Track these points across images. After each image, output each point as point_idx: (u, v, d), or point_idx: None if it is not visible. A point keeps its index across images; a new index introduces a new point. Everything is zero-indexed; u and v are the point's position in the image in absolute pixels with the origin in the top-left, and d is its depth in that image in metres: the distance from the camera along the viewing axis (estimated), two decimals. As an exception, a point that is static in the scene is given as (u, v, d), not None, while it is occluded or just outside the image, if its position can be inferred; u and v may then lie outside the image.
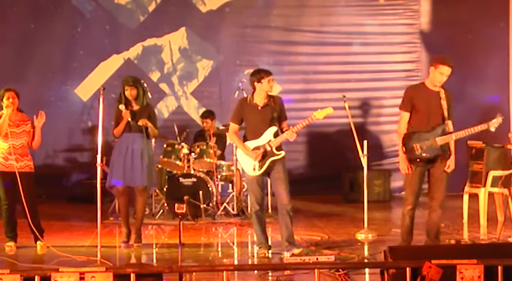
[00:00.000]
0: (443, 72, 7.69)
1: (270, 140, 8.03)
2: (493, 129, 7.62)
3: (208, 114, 11.64)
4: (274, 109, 8.08)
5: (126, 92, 8.78)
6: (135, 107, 8.78)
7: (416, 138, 7.70)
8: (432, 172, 7.78)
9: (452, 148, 7.76)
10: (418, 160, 7.72)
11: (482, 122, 7.73)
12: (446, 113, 7.69)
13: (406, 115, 7.81)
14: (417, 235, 8.01)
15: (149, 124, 8.72)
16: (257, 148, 8.02)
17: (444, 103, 7.69)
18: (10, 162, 8.48)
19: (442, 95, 7.72)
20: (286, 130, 8.06)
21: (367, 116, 13.50)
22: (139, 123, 8.66)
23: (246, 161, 8.09)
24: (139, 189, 8.82)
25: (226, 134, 10.09)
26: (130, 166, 8.67)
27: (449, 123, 7.71)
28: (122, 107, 8.71)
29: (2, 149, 8.51)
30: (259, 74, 8.02)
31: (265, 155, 8.02)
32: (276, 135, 8.06)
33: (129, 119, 8.67)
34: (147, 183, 8.80)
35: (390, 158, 13.16)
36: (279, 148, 8.06)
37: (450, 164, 7.73)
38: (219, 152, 11.37)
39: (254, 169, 8.05)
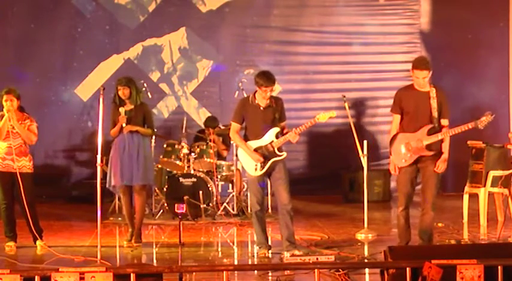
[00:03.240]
0: (418, 76, 7.63)
1: (272, 141, 8.03)
2: (481, 127, 7.53)
3: (210, 123, 11.48)
4: (276, 110, 8.08)
5: (119, 92, 8.84)
6: (129, 107, 8.80)
7: (402, 139, 7.69)
8: (423, 172, 7.74)
9: (445, 148, 7.64)
10: (403, 160, 7.70)
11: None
12: (435, 113, 7.60)
13: (397, 117, 7.81)
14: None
15: (135, 128, 8.74)
16: (259, 148, 8.02)
17: (433, 102, 7.60)
18: (7, 162, 8.48)
19: (433, 94, 7.63)
20: (287, 132, 8.05)
21: (367, 116, 13.50)
22: (124, 131, 8.68)
23: (248, 161, 8.09)
24: (137, 188, 8.83)
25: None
26: (127, 165, 8.70)
27: (444, 121, 7.66)
28: (122, 110, 8.74)
29: (0, 149, 8.50)
30: (259, 82, 7.96)
31: (267, 156, 8.02)
32: (278, 136, 8.06)
33: (123, 125, 8.70)
34: (145, 181, 8.82)
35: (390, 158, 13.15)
36: (280, 149, 8.06)
37: (440, 165, 7.62)
38: (226, 152, 11.36)
39: (256, 169, 8.05)
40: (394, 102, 7.87)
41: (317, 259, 7.53)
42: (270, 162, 8.03)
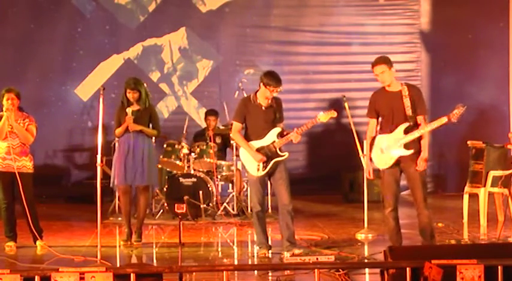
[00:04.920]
0: (376, 73, 7.72)
1: (274, 141, 8.03)
2: (454, 120, 7.46)
3: (213, 113, 11.60)
4: (276, 110, 8.08)
5: (128, 95, 8.82)
6: (136, 107, 8.81)
7: (380, 142, 7.66)
8: (406, 173, 7.66)
9: (424, 146, 7.56)
10: (384, 163, 7.63)
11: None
12: (409, 111, 7.54)
13: (372, 121, 7.79)
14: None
15: (141, 128, 8.75)
16: (261, 148, 8.02)
17: (406, 101, 7.56)
18: (7, 162, 8.47)
19: (405, 92, 7.60)
20: (288, 132, 8.04)
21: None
22: (130, 130, 8.69)
23: (250, 161, 8.07)
24: (141, 188, 8.86)
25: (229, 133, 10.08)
26: (131, 165, 8.71)
27: (420, 118, 7.60)
28: (129, 110, 8.75)
29: (0, 149, 8.50)
30: (268, 83, 7.94)
31: (269, 156, 8.01)
32: (279, 136, 8.05)
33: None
34: (149, 182, 8.83)
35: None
36: (281, 149, 8.06)
37: (420, 163, 7.54)
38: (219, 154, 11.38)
39: (258, 170, 8.04)
40: (369, 105, 7.84)
41: (317, 259, 7.52)
42: (272, 162, 8.02)
